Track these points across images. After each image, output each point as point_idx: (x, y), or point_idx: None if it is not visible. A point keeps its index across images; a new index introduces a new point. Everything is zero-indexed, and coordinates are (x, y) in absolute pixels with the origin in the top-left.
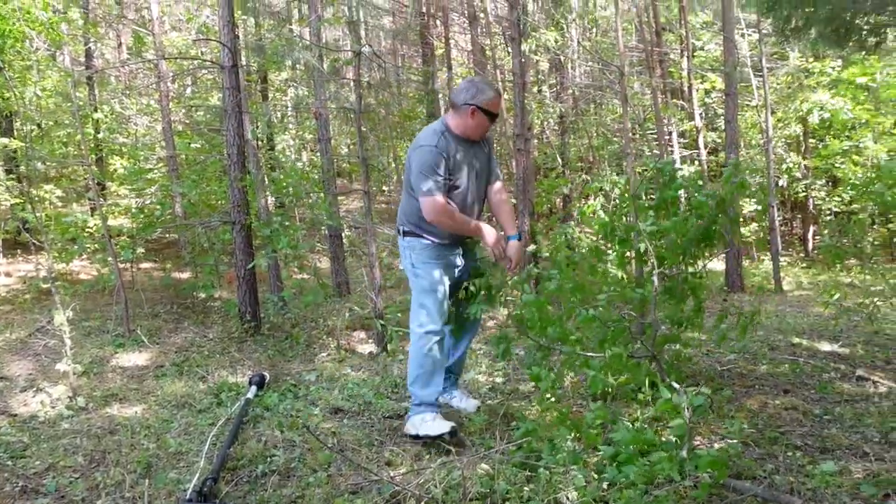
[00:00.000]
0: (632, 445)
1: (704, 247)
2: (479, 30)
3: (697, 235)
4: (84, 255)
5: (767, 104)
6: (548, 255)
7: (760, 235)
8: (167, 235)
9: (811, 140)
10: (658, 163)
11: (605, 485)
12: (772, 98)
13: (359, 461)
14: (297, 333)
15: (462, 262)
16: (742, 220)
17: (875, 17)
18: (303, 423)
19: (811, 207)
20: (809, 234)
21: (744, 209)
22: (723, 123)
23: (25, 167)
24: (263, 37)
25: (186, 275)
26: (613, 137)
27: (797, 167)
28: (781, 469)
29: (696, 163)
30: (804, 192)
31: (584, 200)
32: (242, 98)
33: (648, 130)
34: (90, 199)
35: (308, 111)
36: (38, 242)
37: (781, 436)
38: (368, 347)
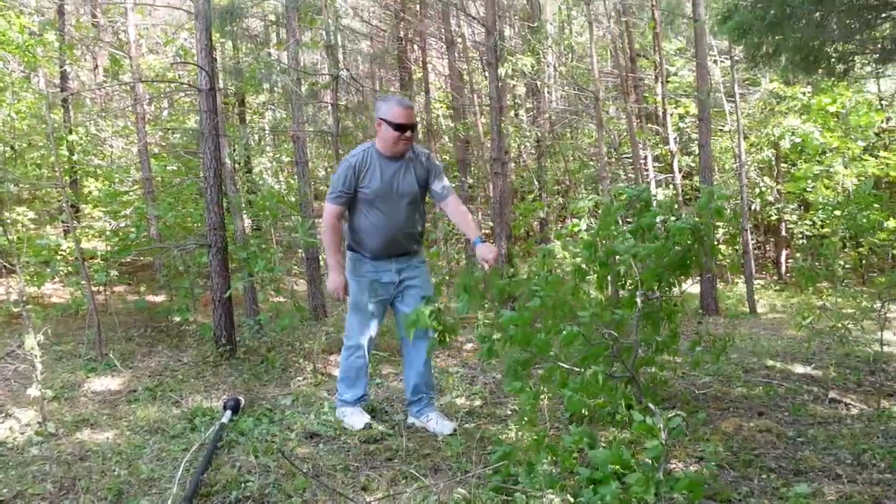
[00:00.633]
0: (609, 465)
1: (680, 273)
2: (457, 54)
3: (675, 261)
4: (56, 279)
5: (740, 129)
6: (527, 277)
7: (734, 259)
8: (142, 258)
9: (783, 165)
10: (634, 189)
11: None
12: (744, 123)
13: (334, 486)
14: (273, 357)
15: (398, 278)
16: (715, 243)
17: (843, 46)
18: (278, 448)
19: (784, 231)
20: (782, 258)
21: (717, 231)
22: (697, 148)
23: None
24: (241, 60)
25: (161, 298)
26: (589, 161)
27: (770, 191)
28: (756, 491)
29: (671, 186)
30: (777, 216)
31: (562, 223)
32: (220, 121)
33: (624, 154)
34: (63, 222)
35: (286, 134)
36: (10, 265)
37: (756, 458)
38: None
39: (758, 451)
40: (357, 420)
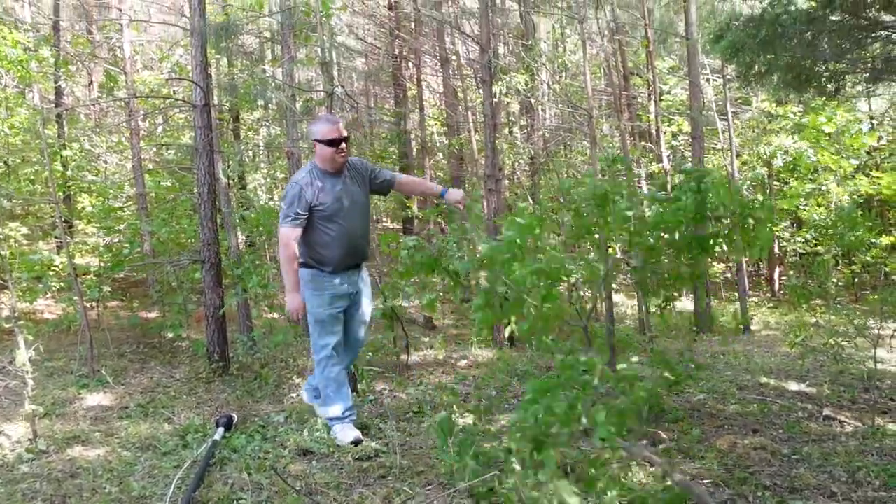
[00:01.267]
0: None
1: (674, 283)
2: (451, 72)
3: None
4: (49, 294)
5: (732, 147)
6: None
7: (728, 277)
8: (135, 274)
9: (775, 182)
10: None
11: None
12: (737, 141)
13: None
14: (267, 373)
15: (353, 289)
16: (710, 261)
17: (834, 65)
18: (270, 466)
19: (777, 249)
20: (776, 275)
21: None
22: (690, 165)
23: None
24: (236, 76)
25: (154, 314)
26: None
27: None
28: None
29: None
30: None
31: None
32: (214, 137)
33: (617, 172)
34: (57, 237)
35: (280, 150)
36: (3, 281)
37: (751, 476)
38: None
39: (752, 469)
40: (351, 433)
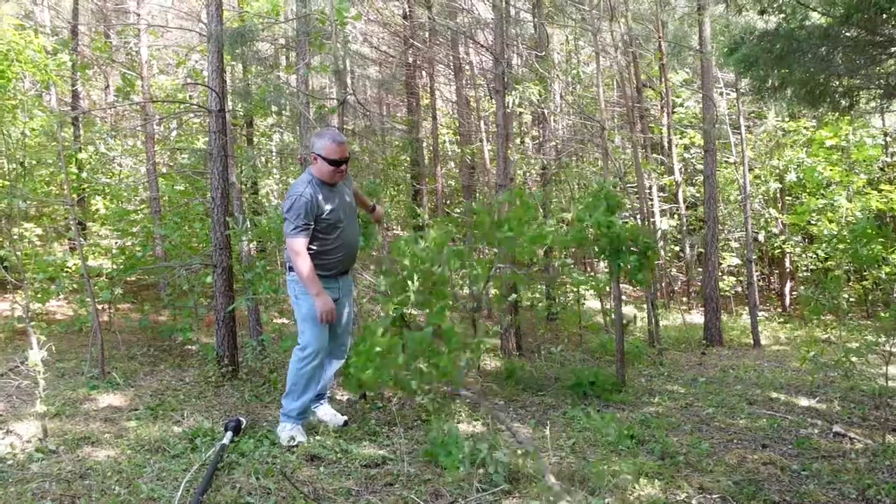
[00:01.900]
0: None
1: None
2: (464, 81)
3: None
4: (61, 295)
5: (745, 161)
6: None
7: (738, 291)
8: (146, 277)
9: (787, 197)
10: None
11: None
12: (750, 155)
13: None
14: (275, 378)
15: (339, 294)
16: (720, 274)
17: (848, 81)
18: (279, 470)
19: (788, 263)
20: (786, 290)
21: (724, 263)
22: (702, 178)
23: (8, 206)
24: (251, 82)
25: (164, 317)
26: None
27: (773, 222)
28: None
29: (676, 216)
30: (781, 248)
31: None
32: (228, 142)
33: (629, 184)
34: (70, 239)
35: (293, 157)
36: (17, 281)
37: (759, 491)
38: (346, 394)
39: (761, 484)
40: (294, 436)
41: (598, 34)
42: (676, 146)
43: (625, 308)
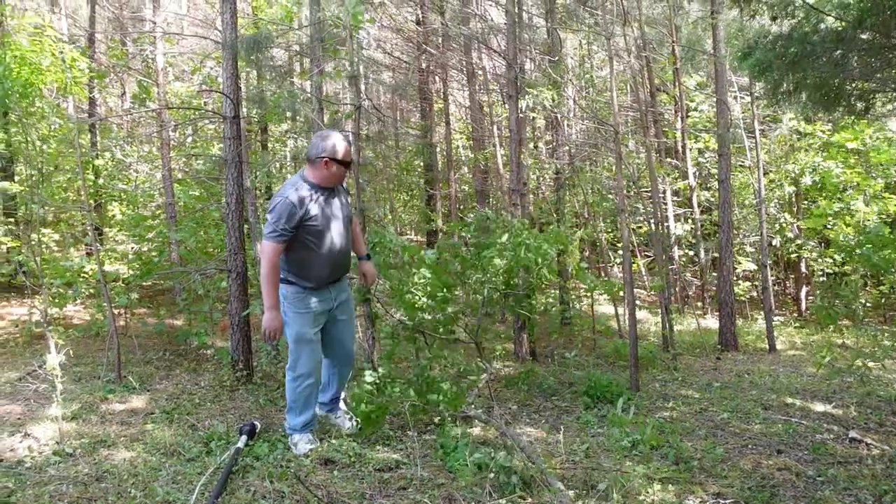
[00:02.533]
0: None
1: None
2: (478, 86)
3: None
4: (78, 300)
5: (760, 165)
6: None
7: (753, 296)
8: (162, 282)
9: (803, 201)
10: (481, 214)
11: None
12: (765, 159)
13: None
14: None
15: (335, 303)
16: (735, 279)
17: (863, 84)
18: (293, 474)
19: (804, 268)
20: (802, 294)
21: (739, 268)
22: (716, 183)
23: (27, 211)
24: (265, 89)
25: (180, 322)
26: (608, 194)
27: (788, 227)
28: None
29: (690, 221)
30: (797, 253)
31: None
32: (243, 148)
33: (642, 188)
34: (87, 245)
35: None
36: (36, 286)
37: (774, 497)
38: None
39: (776, 490)
40: (305, 446)
41: (612, 38)
42: (690, 150)
43: (639, 313)
